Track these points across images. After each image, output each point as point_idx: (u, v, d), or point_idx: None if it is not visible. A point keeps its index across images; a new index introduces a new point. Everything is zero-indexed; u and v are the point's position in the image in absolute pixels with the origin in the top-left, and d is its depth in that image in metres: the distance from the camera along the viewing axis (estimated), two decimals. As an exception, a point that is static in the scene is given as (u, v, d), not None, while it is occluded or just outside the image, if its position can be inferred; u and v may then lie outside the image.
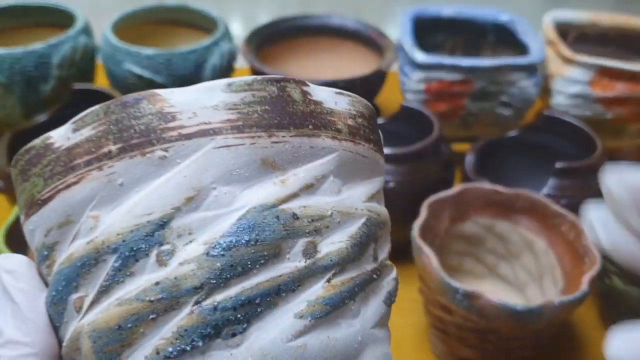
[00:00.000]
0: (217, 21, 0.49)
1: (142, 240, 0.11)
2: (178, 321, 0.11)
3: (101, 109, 0.11)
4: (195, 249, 0.11)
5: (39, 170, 0.12)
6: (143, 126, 0.11)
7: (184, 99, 0.11)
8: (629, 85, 0.44)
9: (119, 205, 0.11)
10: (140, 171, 0.11)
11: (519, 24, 0.50)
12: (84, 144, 0.11)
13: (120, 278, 0.11)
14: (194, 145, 0.11)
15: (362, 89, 0.47)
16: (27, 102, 0.44)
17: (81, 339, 0.11)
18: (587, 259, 0.31)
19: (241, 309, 0.11)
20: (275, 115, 0.12)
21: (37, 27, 0.50)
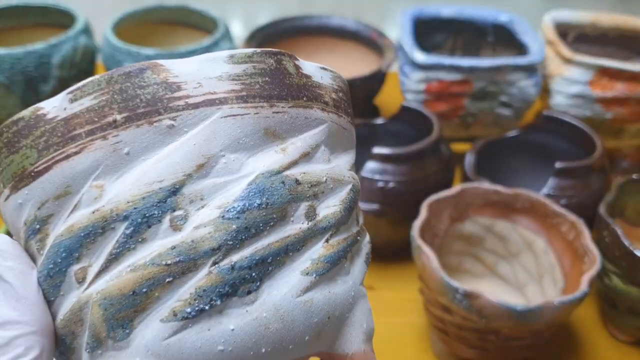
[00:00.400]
0: (217, 21, 0.49)
1: (155, 207, 0.11)
2: (196, 282, 0.11)
3: (103, 78, 0.11)
4: (210, 213, 0.11)
5: (30, 141, 0.12)
6: (149, 95, 0.11)
7: (188, 69, 0.12)
8: (629, 85, 0.44)
9: (125, 174, 0.11)
10: (148, 140, 0.11)
11: (518, 24, 0.50)
12: (85, 114, 0.11)
13: (132, 245, 0.11)
14: (202, 114, 0.11)
15: (362, 89, 0.47)
16: (27, 102, 0.44)
17: (87, 309, 0.11)
18: (587, 259, 0.31)
19: (255, 267, 0.12)
20: (274, 87, 0.12)
21: (37, 27, 0.50)
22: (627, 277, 0.33)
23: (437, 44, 0.53)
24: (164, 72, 0.11)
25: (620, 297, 0.34)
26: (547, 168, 0.38)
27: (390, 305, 0.37)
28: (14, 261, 0.12)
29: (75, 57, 0.44)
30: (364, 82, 0.46)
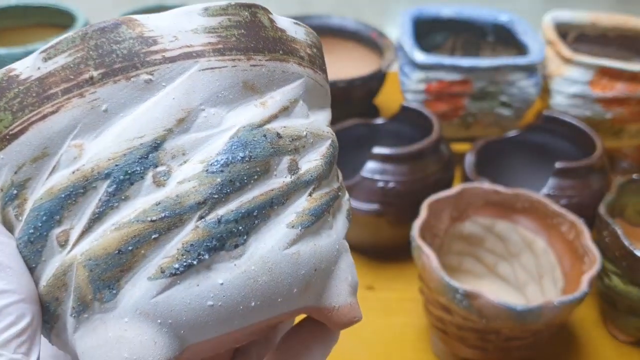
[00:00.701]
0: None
1: (137, 163, 0.11)
2: (182, 237, 0.11)
3: (77, 35, 0.11)
4: (193, 167, 0.11)
5: (3, 104, 0.11)
6: (125, 50, 0.11)
7: (163, 23, 0.11)
8: (629, 86, 0.44)
9: (105, 132, 0.11)
10: (126, 96, 0.11)
11: (518, 24, 0.50)
12: (60, 72, 0.11)
13: (115, 203, 0.11)
14: (179, 67, 0.11)
15: (362, 89, 0.47)
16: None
17: (71, 272, 0.11)
18: (587, 259, 0.31)
19: (242, 221, 0.11)
20: (251, 40, 0.12)
21: (37, 27, 0.50)
22: (627, 277, 0.33)
23: (437, 44, 0.54)
24: (139, 26, 0.11)
25: (620, 297, 0.34)
26: (547, 168, 0.38)
27: (390, 305, 0.37)
28: None
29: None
30: (364, 82, 0.46)
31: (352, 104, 0.48)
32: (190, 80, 0.11)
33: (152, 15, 0.11)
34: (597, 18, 0.51)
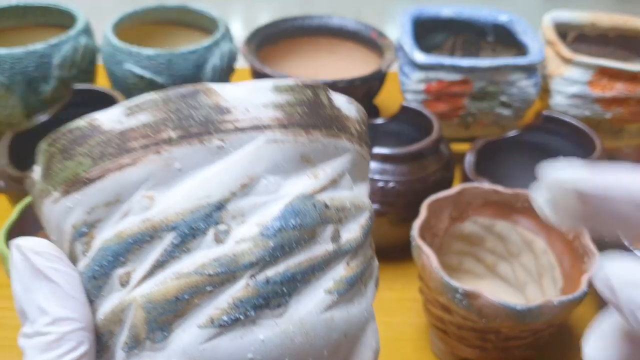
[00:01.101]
0: (217, 22, 0.49)
1: (201, 220, 0.12)
2: (234, 293, 0.12)
3: (160, 97, 0.12)
4: (250, 229, 0.12)
5: (86, 150, 0.12)
6: (202, 117, 0.12)
7: (237, 94, 0.13)
8: (628, 86, 0.44)
9: (175, 188, 0.12)
10: (198, 157, 0.12)
11: (518, 24, 0.50)
12: (140, 129, 0.12)
13: (177, 254, 0.12)
14: (248, 137, 0.13)
15: (362, 89, 0.47)
16: (28, 102, 0.44)
17: (128, 311, 0.12)
18: (587, 259, 0.31)
19: (286, 283, 0.13)
20: (311, 117, 0.13)
21: (37, 27, 0.50)
22: (627, 276, 0.33)
23: (437, 44, 0.54)
24: (216, 95, 0.13)
25: (620, 297, 0.34)
26: (547, 168, 0.38)
27: (390, 305, 0.37)
28: (57, 263, 0.13)
29: (75, 57, 0.44)
30: (364, 82, 0.46)
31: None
32: (257, 150, 0.13)
33: (228, 85, 0.13)
34: (597, 18, 0.51)
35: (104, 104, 0.41)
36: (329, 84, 0.45)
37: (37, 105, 0.44)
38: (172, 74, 0.44)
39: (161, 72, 0.44)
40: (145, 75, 0.44)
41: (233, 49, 0.48)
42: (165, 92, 0.13)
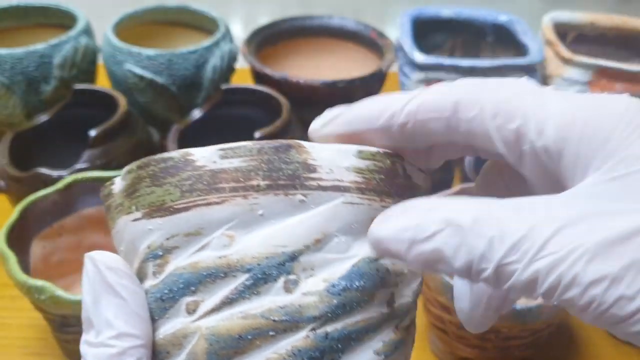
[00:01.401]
0: (217, 22, 0.49)
1: (275, 267, 0.13)
2: (293, 342, 0.13)
3: (254, 147, 0.13)
4: (317, 283, 0.13)
5: (176, 181, 0.13)
6: (290, 171, 0.13)
7: (324, 155, 0.14)
8: (628, 86, 0.44)
9: (255, 232, 0.13)
10: (281, 208, 0.13)
11: (518, 24, 0.50)
12: (232, 172, 0.13)
13: (247, 295, 0.13)
14: (328, 196, 0.14)
15: (361, 90, 0.47)
16: (28, 103, 0.44)
17: (191, 338, 0.13)
18: (586, 258, 0.31)
19: (342, 340, 0.13)
20: (386, 185, 0.14)
21: (38, 27, 0.50)
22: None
23: (437, 44, 0.54)
24: (305, 153, 0.14)
25: (619, 297, 0.34)
26: (547, 168, 0.39)
27: (390, 305, 0.37)
28: (127, 280, 0.13)
29: (76, 58, 0.44)
30: (364, 82, 0.46)
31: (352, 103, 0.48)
32: (334, 209, 0.14)
33: (318, 145, 0.14)
34: (596, 18, 0.51)
35: (104, 104, 0.42)
36: (330, 83, 0.45)
37: (38, 106, 0.44)
38: (172, 74, 0.44)
39: (161, 72, 0.44)
40: (145, 76, 0.44)
41: (233, 49, 0.48)
42: (260, 143, 0.13)
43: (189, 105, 0.46)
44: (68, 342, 0.31)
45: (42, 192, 0.34)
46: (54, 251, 0.34)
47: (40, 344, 0.34)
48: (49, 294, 0.27)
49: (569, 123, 0.12)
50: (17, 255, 0.29)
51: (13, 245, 0.30)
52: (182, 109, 0.46)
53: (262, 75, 0.47)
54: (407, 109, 0.13)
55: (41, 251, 0.33)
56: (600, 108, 0.12)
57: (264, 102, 0.43)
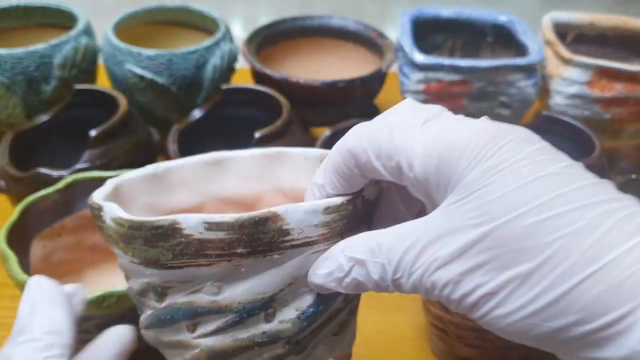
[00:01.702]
0: (217, 22, 0.49)
1: (257, 308, 0.17)
2: (273, 350, 0.18)
3: (237, 223, 0.16)
4: (290, 312, 0.17)
5: (167, 245, 0.16)
6: (267, 239, 0.16)
7: (296, 217, 0.16)
8: (627, 86, 0.44)
9: (239, 283, 0.17)
10: (259, 266, 0.17)
11: (517, 24, 0.50)
12: (217, 242, 0.16)
13: (235, 326, 0.17)
14: (299, 252, 0.17)
15: (362, 90, 0.47)
16: (28, 103, 0.44)
17: (194, 349, 0.17)
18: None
19: (310, 338, 0.18)
20: (347, 225, 0.17)
21: (38, 27, 0.50)
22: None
23: (437, 44, 0.54)
24: (280, 220, 0.16)
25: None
26: (546, 168, 0.39)
27: (389, 304, 0.37)
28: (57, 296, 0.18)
29: (76, 58, 0.44)
30: (364, 83, 0.46)
31: (353, 104, 0.48)
32: (304, 259, 0.17)
33: (291, 208, 0.16)
34: (596, 19, 0.51)
35: (104, 104, 0.42)
36: (330, 83, 0.45)
37: (38, 106, 0.44)
38: (172, 74, 0.45)
39: (162, 72, 0.44)
40: (145, 76, 0.44)
41: (233, 49, 0.48)
42: (241, 217, 0.16)
43: (189, 105, 0.46)
44: (68, 342, 0.31)
45: (42, 192, 0.34)
46: (54, 251, 0.34)
47: (41, 343, 0.34)
48: (50, 293, 0.27)
49: (429, 158, 0.15)
50: (17, 255, 0.29)
51: (13, 245, 0.30)
52: (182, 109, 0.46)
53: (262, 75, 0.47)
54: (328, 171, 0.17)
55: (41, 251, 0.33)
56: (453, 141, 0.15)
57: (264, 102, 0.43)
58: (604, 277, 0.13)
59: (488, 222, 0.14)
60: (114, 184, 0.19)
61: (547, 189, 0.14)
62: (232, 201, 0.23)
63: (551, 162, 0.14)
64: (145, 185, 0.21)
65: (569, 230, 0.13)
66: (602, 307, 0.13)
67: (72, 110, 0.42)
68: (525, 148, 0.15)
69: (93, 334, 0.29)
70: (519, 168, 0.14)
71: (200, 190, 0.23)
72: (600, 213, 0.14)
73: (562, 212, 0.14)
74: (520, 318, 0.14)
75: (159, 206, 0.22)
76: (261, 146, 0.38)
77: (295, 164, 0.22)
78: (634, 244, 0.13)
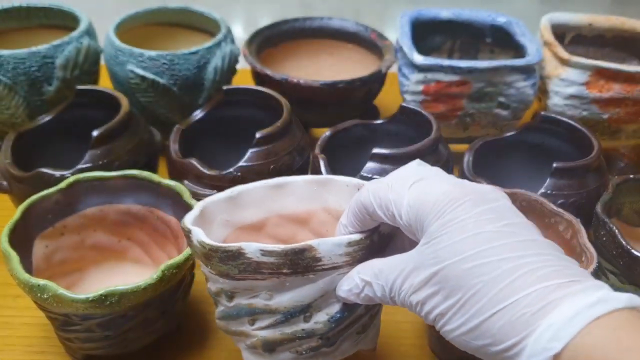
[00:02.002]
0: (219, 23, 0.50)
1: (297, 312, 0.24)
2: (309, 343, 0.25)
3: (282, 251, 0.22)
4: (323, 316, 0.24)
5: (234, 264, 0.23)
6: (305, 264, 0.23)
7: (326, 249, 0.23)
8: (625, 86, 0.44)
9: (285, 293, 0.24)
10: (299, 282, 0.23)
11: (516, 26, 0.50)
12: (269, 264, 0.23)
13: (282, 324, 0.24)
14: (328, 273, 0.23)
15: (362, 90, 0.48)
16: (31, 103, 0.44)
17: (252, 338, 0.25)
18: (584, 258, 0.31)
19: (339, 334, 0.25)
20: (366, 254, 0.24)
21: (40, 28, 0.50)
22: (624, 276, 0.33)
23: (436, 45, 0.54)
24: (314, 251, 0.23)
25: (617, 295, 0.34)
26: (545, 168, 0.39)
27: (389, 304, 0.37)
28: None
29: (78, 59, 0.45)
30: (364, 83, 0.47)
31: (353, 104, 0.49)
32: (332, 279, 0.23)
33: (322, 242, 0.23)
34: (594, 19, 0.51)
35: (106, 105, 0.42)
36: (330, 84, 0.46)
37: (40, 106, 0.44)
38: (174, 74, 0.45)
39: (163, 73, 0.45)
40: (147, 76, 0.45)
41: (234, 50, 0.48)
42: (285, 248, 0.22)
43: (191, 105, 0.46)
44: (71, 341, 0.31)
45: (44, 191, 0.34)
46: (56, 250, 0.34)
47: (43, 342, 0.34)
48: (52, 292, 0.27)
49: (411, 211, 0.21)
50: (20, 254, 0.30)
51: (15, 244, 0.30)
52: (183, 110, 0.46)
53: (263, 76, 0.47)
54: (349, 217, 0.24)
55: (43, 250, 0.34)
56: (425, 200, 0.21)
57: (264, 102, 0.43)
58: (505, 314, 0.18)
59: (439, 263, 0.20)
60: (200, 207, 0.26)
61: (481, 243, 0.19)
62: (290, 217, 0.30)
63: (492, 221, 0.20)
64: (223, 206, 0.28)
65: (488, 278, 0.18)
66: (503, 336, 0.18)
67: (74, 111, 0.42)
68: (475, 209, 0.20)
69: (95, 333, 0.30)
70: (465, 224, 0.20)
71: (265, 208, 0.29)
72: (513, 266, 0.18)
73: (487, 262, 0.19)
74: (460, 334, 0.19)
75: (233, 221, 0.29)
76: (262, 146, 0.39)
77: (340, 189, 0.29)
78: (529, 292, 0.18)
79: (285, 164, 0.39)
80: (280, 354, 0.25)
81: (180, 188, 0.34)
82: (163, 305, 0.31)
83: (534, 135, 0.43)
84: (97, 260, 0.36)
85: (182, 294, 0.33)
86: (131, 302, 0.28)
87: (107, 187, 0.35)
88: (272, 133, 0.39)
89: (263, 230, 0.30)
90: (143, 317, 0.30)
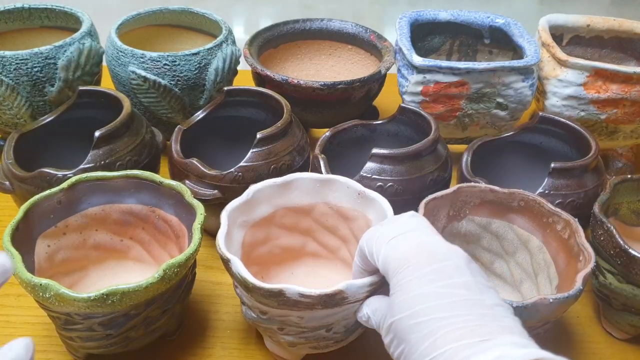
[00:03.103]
0: (220, 24, 0.50)
1: (322, 327, 0.30)
2: (326, 342, 0.31)
3: (318, 295, 0.27)
4: (340, 329, 0.30)
5: (274, 300, 0.28)
6: (334, 302, 0.28)
7: (352, 290, 0.27)
8: (623, 87, 0.45)
9: (314, 317, 0.29)
10: (328, 311, 0.28)
11: (514, 27, 0.51)
12: (305, 303, 0.27)
13: (308, 334, 0.30)
14: (351, 305, 0.28)
15: (361, 91, 0.48)
16: (33, 103, 0.44)
17: (279, 339, 0.31)
18: (582, 257, 0.32)
19: (345, 335, 0.32)
20: (379, 289, 0.28)
21: (43, 29, 0.50)
22: (622, 275, 0.34)
23: (435, 47, 0.54)
24: (342, 293, 0.27)
25: (615, 295, 0.35)
26: (543, 168, 0.39)
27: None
28: None
29: (80, 59, 0.45)
30: (363, 84, 0.47)
31: (352, 105, 0.49)
32: (353, 307, 0.29)
33: (349, 285, 0.27)
34: (592, 21, 0.51)
35: (108, 105, 0.42)
36: (329, 85, 0.46)
37: (43, 106, 0.45)
38: (175, 75, 0.45)
39: (165, 73, 0.45)
40: (149, 77, 0.45)
41: (235, 51, 0.49)
42: (322, 292, 0.27)
43: (192, 106, 0.47)
44: (72, 340, 0.31)
45: (46, 191, 0.34)
46: (58, 250, 0.35)
47: (45, 341, 0.34)
48: (54, 292, 0.28)
49: (383, 264, 0.26)
50: (22, 254, 0.30)
51: (18, 244, 0.31)
52: (185, 110, 0.47)
53: (264, 77, 0.47)
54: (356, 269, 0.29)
55: (45, 250, 0.34)
56: (391, 257, 0.25)
57: (265, 103, 0.44)
58: None
59: (394, 315, 0.24)
60: (225, 220, 0.30)
61: (418, 303, 0.23)
62: (295, 209, 0.35)
63: (433, 281, 0.24)
64: (241, 209, 0.32)
65: (420, 335, 0.23)
66: None
67: (77, 111, 0.42)
68: (420, 270, 0.24)
69: (97, 332, 0.30)
70: (410, 284, 0.24)
71: (273, 203, 0.34)
72: (437, 326, 0.22)
73: (421, 320, 0.23)
74: None
75: (248, 220, 0.33)
76: (262, 146, 0.39)
77: (340, 188, 0.34)
78: (445, 350, 0.21)
79: (286, 164, 0.39)
80: (300, 349, 0.31)
81: (182, 188, 0.35)
82: (164, 305, 0.31)
83: (532, 136, 0.43)
84: (98, 260, 0.37)
85: (183, 293, 0.33)
86: (133, 301, 0.28)
87: (109, 187, 0.35)
88: (273, 133, 0.39)
89: (272, 222, 0.35)
90: (144, 316, 0.30)
